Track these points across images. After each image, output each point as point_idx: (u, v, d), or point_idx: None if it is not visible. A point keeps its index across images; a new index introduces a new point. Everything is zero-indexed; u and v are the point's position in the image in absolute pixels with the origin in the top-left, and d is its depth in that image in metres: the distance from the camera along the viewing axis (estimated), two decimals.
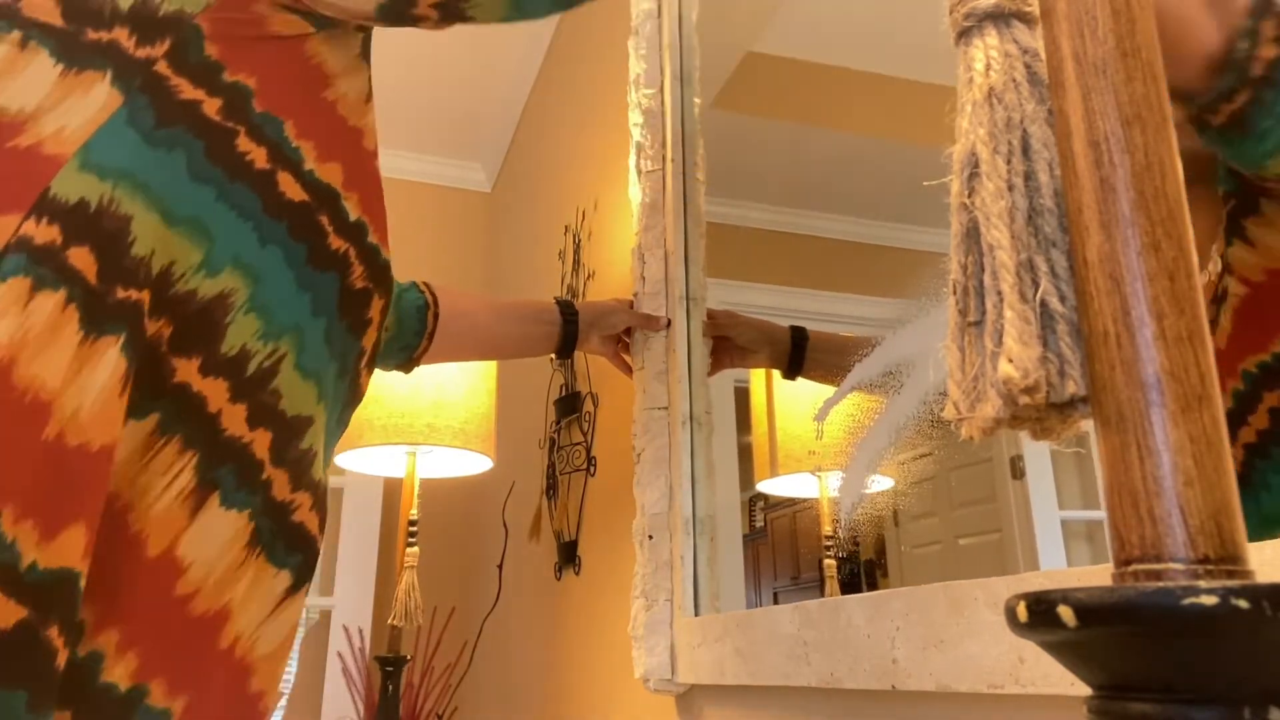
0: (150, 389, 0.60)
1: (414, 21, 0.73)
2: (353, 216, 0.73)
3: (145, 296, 0.59)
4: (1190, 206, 0.28)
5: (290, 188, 0.68)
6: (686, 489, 1.17)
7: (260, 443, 0.63)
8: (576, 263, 1.86)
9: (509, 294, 2.49)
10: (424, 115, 2.84)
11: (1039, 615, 0.25)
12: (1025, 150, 0.32)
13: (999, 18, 0.34)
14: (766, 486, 1.27)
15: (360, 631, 2.37)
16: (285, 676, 2.66)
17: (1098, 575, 0.45)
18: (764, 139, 1.52)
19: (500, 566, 2.13)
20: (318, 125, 0.71)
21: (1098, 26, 0.29)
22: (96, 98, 0.63)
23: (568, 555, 1.64)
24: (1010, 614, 0.26)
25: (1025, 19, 0.34)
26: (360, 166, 0.75)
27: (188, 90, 0.65)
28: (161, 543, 0.58)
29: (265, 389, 0.63)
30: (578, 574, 1.60)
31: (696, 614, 1.08)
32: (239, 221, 0.64)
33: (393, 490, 2.52)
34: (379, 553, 2.56)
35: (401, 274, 0.99)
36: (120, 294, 0.58)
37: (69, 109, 0.62)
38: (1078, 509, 0.88)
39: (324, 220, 0.71)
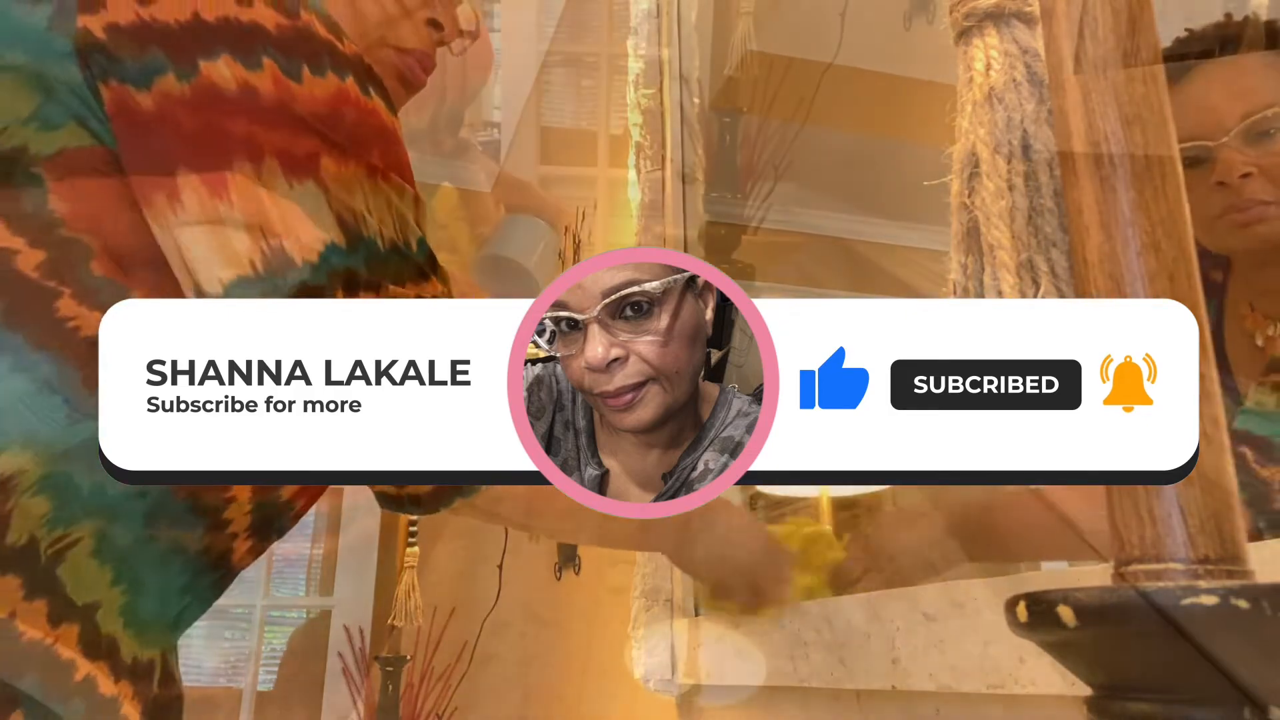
0: None
1: None
2: None
3: None
4: None
5: None
6: None
7: (66, 639, 0.53)
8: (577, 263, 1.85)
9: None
10: None
11: (1039, 615, 0.25)
12: (1025, 150, 0.32)
13: (999, 18, 0.34)
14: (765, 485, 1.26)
15: (360, 631, 2.37)
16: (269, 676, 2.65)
17: (1098, 575, 0.45)
18: (764, 139, 1.52)
19: (500, 566, 2.13)
20: None
21: (1098, 26, 0.29)
22: None
23: (568, 555, 1.64)
24: (1010, 614, 0.26)
25: (1025, 19, 0.34)
26: None
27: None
28: None
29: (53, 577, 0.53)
30: (578, 574, 1.60)
31: (696, 614, 1.08)
32: (39, 396, 0.53)
33: None
34: (379, 553, 2.56)
35: None
36: None
37: None
38: None
39: None
